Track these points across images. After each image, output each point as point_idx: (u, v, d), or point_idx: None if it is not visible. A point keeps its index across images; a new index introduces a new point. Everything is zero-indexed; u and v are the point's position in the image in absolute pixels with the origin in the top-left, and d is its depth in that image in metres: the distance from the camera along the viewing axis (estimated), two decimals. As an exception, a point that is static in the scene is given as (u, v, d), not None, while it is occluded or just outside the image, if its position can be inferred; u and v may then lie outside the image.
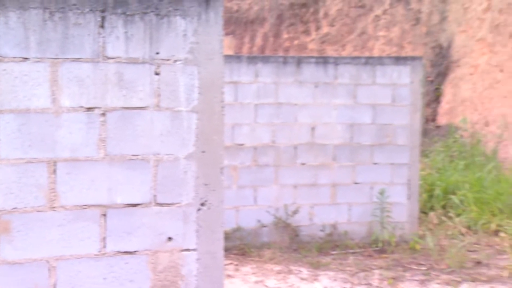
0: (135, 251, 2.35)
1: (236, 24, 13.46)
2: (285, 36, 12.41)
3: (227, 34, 13.45)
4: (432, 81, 12.00)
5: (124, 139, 2.32)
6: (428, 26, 11.84)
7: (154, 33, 2.34)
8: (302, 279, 4.93)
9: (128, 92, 2.32)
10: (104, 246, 2.30)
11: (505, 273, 5.05)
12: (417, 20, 11.84)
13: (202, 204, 2.43)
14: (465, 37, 11.10)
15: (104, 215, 2.30)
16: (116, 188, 2.31)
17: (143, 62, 2.33)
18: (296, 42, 12.45)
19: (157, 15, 2.34)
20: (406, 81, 6.15)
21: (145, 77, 2.34)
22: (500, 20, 9.83)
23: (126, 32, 2.30)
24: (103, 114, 2.29)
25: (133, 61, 2.32)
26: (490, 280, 4.92)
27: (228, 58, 5.94)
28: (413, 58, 6.26)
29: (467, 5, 11.04)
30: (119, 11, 2.28)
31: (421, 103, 10.92)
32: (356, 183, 6.17)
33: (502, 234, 6.11)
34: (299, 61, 5.99)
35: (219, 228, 2.47)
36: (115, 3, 2.27)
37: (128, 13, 2.29)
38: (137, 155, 2.34)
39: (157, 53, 2.35)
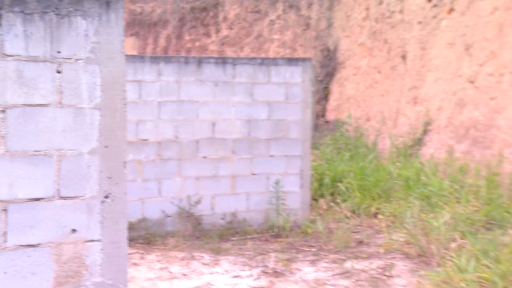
0: (38, 244, 2.25)
1: (140, 25, 13.21)
2: (187, 37, 12.33)
3: (131, 35, 13.18)
4: (321, 81, 12.36)
5: (25, 135, 2.20)
6: (317, 31, 12.17)
7: (55, 33, 2.24)
8: (204, 264, 4.93)
9: (29, 89, 2.21)
10: (5, 241, 2.18)
11: (382, 250, 5.30)
12: (307, 25, 12.15)
13: (106, 197, 2.37)
14: (349, 41, 11.51)
15: (5, 210, 2.18)
16: (17, 183, 2.19)
17: (44, 61, 2.23)
18: (197, 43, 12.40)
19: (58, 15, 2.24)
20: (298, 80, 6.28)
21: (47, 75, 2.23)
22: (376, 28, 10.30)
23: (25, 31, 2.18)
24: (3, 111, 2.17)
25: (34, 59, 2.21)
26: (369, 256, 5.14)
27: (132, 58, 5.80)
28: (304, 60, 6.40)
29: (349, 14, 11.46)
30: (17, 9, 2.16)
31: (312, 101, 11.21)
32: (254, 174, 6.24)
33: (380, 216, 6.38)
34: (200, 61, 5.96)
35: (123, 219, 2.41)
36: (12, 1, 2.14)
37: (26, 11, 2.17)
38: (40, 150, 2.24)
39: (59, 52, 2.25)
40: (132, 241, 5.48)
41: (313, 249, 5.45)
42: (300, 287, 4.34)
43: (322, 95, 12.30)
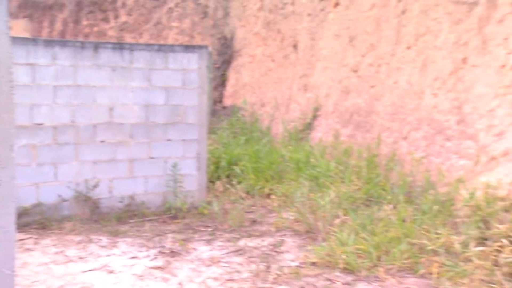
0: None
1: (33, 8, 12.46)
2: (85, 22, 11.84)
3: (24, 17, 12.39)
4: (218, 68, 12.37)
5: None
6: (214, 20, 12.15)
7: None
8: (102, 246, 4.80)
9: None
10: None
11: (273, 228, 5.44)
12: (205, 14, 12.08)
13: (-8, 181, 2.23)
14: (245, 31, 11.60)
15: None
16: None
17: None
18: (95, 28, 11.94)
19: None
20: (194, 66, 6.24)
21: None
22: (270, 18, 10.46)
23: None
24: None
25: None
26: (262, 234, 5.26)
27: (23, 40, 5.48)
28: (200, 47, 6.37)
29: (245, 4, 11.53)
30: None
31: (208, 87, 11.18)
32: (151, 157, 6.14)
33: (273, 196, 6.53)
34: (97, 46, 5.75)
35: (10, 203, 2.28)
36: None
37: None
38: None
39: None
40: (26, 226, 5.22)
41: (209, 229, 5.48)
42: (195, 266, 4.36)
43: (220, 81, 12.33)
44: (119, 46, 5.94)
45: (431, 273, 3.99)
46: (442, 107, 6.07)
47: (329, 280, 4.03)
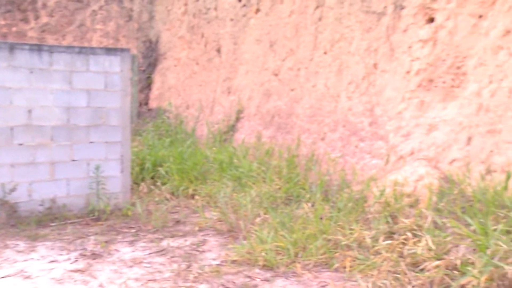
0: None
1: None
2: (2, 22, 11.26)
3: None
4: (144, 71, 12.17)
5: None
6: (139, 23, 11.93)
7: None
8: (19, 251, 4.59)
9: None
10: None
11: (197, 228, 5.42)
12: (130, 17, 11.84)
13: None
14: (170, 34, 11.49)
15: None
16: None
17: None
18: (14, 29, 11.40)
19: None
20: (116, 69, 6.10)
21: None
22: (194, 22, 10.42)
23: None
24: None
25: None
26: (185, 234, 5.23)
27: None
28: (122, 50, 6.23)
29: (170, 8, 11.42)
30: None
31: (133, 89, 10.98)
32: (74, 160, 5.94)
33: (197, 197, 6.52)
34: (13, 47, 5.48)
35: None
36: None
37: None
38: None
39: None
40: None
41: (133, 230, 5.38)
42: (117, 267, 4.26)
43: (145, 84, 12.12)
44: (37, 47, 5.70)
45: (344, 267, 4.11)
46: (356, 110, 6.28)
47: (249, 277, 4.06)
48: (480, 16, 4.97)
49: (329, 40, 6.79)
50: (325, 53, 6.88)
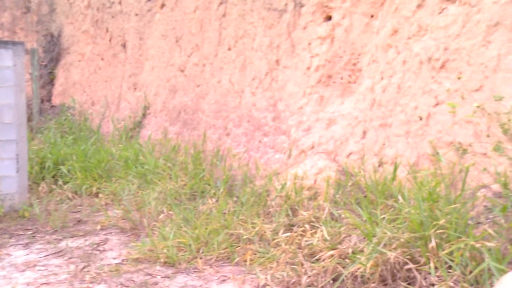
0: None
1: None
2: None
3: None
4: (46, 66, 11.60)
5: None
6: (39, 15, 11.35)
7: None
8: None
9: None
10: None
11: (98, 227, 5.26)
12: (28, 9, 11.23)
13: None
14: (73, 28, 11.03)
15: None
16: None
17: None
18: None
19: None
20: (9, 63, 5.76)
21: None
22: (98, 16, 10.08)
23: None
24: None
25: None
26: (86, 234, 5.05)
27: None
28: (15, 43, 5.89)
29: (72, 1, 10.97)
30: None
31: (35, 85, 10.44)
32: (-37, 160, 5.54)
33: (100, 195, 6.32)
34: None
35: None
36: None
37: None
38: None
39: None
40: None
41: (29, 232, 5.12)
42: (6, 272, 4.03)
43: (47, 80, 11.56)
44: None
45: (245, 261, 4.15)
46: (259, 105, 6.35)
47: (149, 274, 3.99)
48: (372, 16, 5.20)
49: (233, 36, 6.82)
50: (229, 49, 6.89)
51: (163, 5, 8.32)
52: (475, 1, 4.11)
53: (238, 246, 4.37)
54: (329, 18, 5.64)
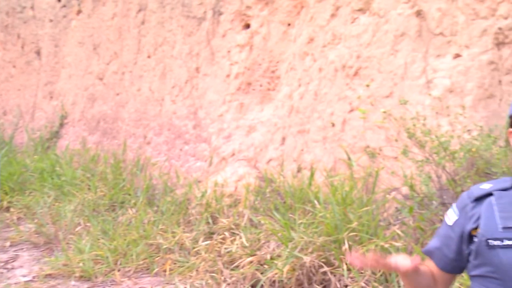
0: None
1: None
2: None
3: None
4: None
5: None
6: None
7: None
8: None
9: None
10: None
11: (8, 243, 4.99)
12: None
13: None
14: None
15: None
16: None
17: None
18: None
19: None
20: None
21: None
22: (8, 21, 9.62)
23: None
24: None
25: None
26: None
27: None
28: None
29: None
30: None
31: None
32: None
33: (12, 209, 6.00)
34: None
35: None
36: None
37: None
38: None
39: None
40: None
41: None
42: None
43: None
44: None
45: (165, 271, 4.08)
46: (180, 113, 6.30)
47: (63, 290, 3.83)
48: (289, 24, 5.30)
49: (152, 44, 6.73)
50: (148, 56, 6.79)
51: (79, 12, 8.07)
52: (383, 12, 4.30)
53: (157, 256, 4.29)
54: (247, 26, 5.70)
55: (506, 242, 1.23)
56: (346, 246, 3.14)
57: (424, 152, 3.28)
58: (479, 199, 1.34)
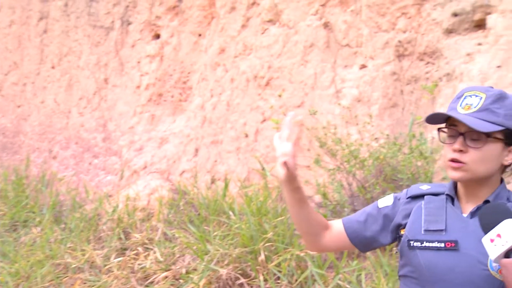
0: None
1: None
2: None
3: None
4: None
5: None
6: None
7: None
8: None
9: None
10: None
11: None
12: None
13: None
14: None
15: None
16: None
17: None
18: None
19: None
20: None
21: None
22: None
23: None
24: None
25: None
26: None
27: None
28: None
29: None
30: None
31: None
32: None
33: None
34: None
35: None
36: None
37: None
38: None
39: None
40: None
41: None
42: None
43: None
44: None
45: (74, 291, 3.85)
46: (88, 126, 6.04)
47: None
48: (200, 35, 5.26)
49: (57, 54, 6.41)
50: (53, 67, 6.46)
51: (-27, 18, 7.54)
52: (292, 23, 4.38)
53: (65, 277, 4.04)
54: (157, 36, 5.59)
55: (425, 244, 1.27)
56: (262, 256, 3.12)
57: (335, 160, 3.35)
58: (415, 198, 1.38)
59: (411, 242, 1.30)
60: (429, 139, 3.26)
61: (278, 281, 3.05)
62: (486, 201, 1.27)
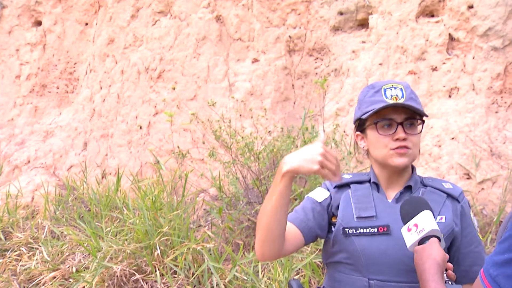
0: None
1: None
2: None
3: None
4: None
5: None
6: None
7: None
8: None
9: None
10: None
11: None
12: None
13: None
14: None
15: None
16: None
17: None
18: None
19: None
20: None
21: None
22: None
23: None
24: None
25: None
26: None
27: None
28: None
29: None
30: None
31: None
32: None
33: None
34: None
35: None
36: None
37: None
38: None
39: None
40: None
41: None
42: None
43: None
44: None
45: None
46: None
47: None
48: (86, 24, 4.99)
49: None
50: None
51: None
52: (184, 15, 4.29)
53: None
54: (39, 23, 5.21)
55: (360, 230, 1.31)
56: (158, 251, 3.04)
57: (230, 153, 3.34)
58: (340, 187, 1.42)
59: (346, 229, 1.33)
60: (320, 131, 3.37)
61: (175, 276, 2.98)
62: (408, 186, 1.36)
